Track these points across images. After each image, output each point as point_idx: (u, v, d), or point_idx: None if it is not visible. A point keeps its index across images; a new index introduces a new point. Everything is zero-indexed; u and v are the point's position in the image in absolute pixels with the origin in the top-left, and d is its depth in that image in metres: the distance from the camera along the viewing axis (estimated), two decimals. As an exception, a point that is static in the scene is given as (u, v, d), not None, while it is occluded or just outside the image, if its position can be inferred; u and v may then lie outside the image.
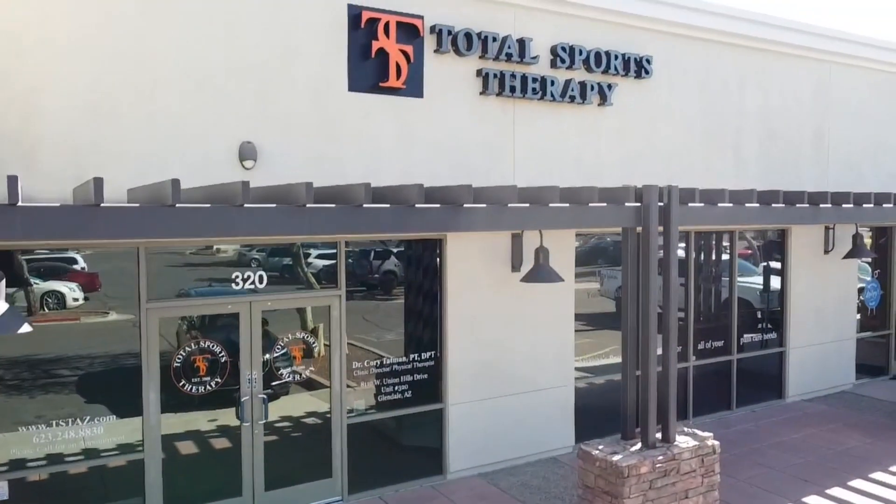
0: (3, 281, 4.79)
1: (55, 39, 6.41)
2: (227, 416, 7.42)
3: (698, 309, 10.91)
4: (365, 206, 5.34)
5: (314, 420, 7.92)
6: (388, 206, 5.52)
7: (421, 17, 8.12)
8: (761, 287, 11.82)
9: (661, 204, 6.92)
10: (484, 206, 5.96)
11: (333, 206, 5.28)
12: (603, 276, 10.11)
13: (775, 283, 11.86)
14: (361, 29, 7.78)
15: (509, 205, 6.00)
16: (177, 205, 4.66)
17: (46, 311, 6.69)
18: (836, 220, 8.73)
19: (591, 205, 6.45)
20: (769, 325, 11.79)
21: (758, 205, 7.66)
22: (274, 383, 7.63)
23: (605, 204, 6.63)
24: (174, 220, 4.68)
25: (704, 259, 11.05)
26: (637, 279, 7.08)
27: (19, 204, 4.25)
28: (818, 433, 10.26)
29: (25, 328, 4.87)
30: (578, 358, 9.63)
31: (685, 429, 7.50)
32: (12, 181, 4.17)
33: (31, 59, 6.33)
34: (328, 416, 7.91)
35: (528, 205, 6.18)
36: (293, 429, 7.81)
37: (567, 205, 6.40)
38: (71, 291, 6.84)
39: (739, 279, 11.37)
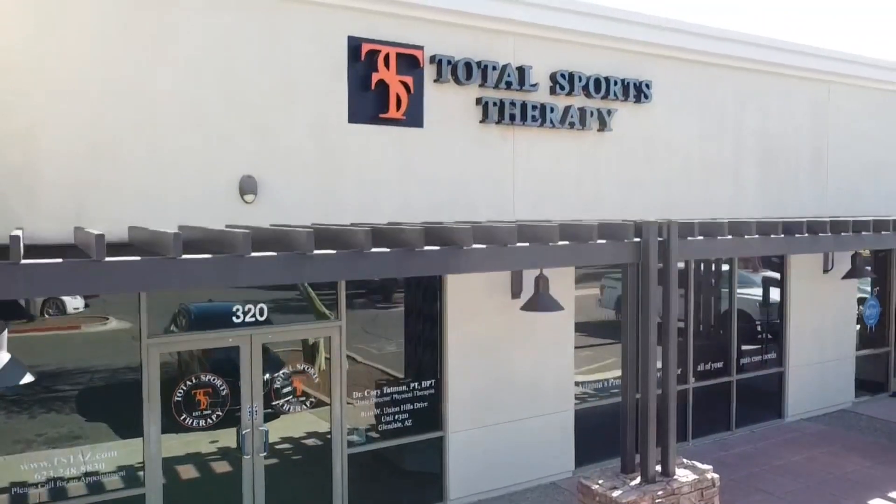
0: (6, 332, 4.81)
1: (56, 77, 6.43)
2: (228, 447, 7.43)
3: (698, 325, 10.93)
4: (366, 251, 5.36)
5: (315, 449, 7.94)
6: (388, 250, 5.54)
7: (421, 48, 8.14)
8: (760, 299, 11.84)
9: (661, 239, 6.94)
10: (484, 246, 5.98)
11: (335, 252, 5.30)
12: (603, 286, 10.14)
13: (774, 294, 11.89)
14: (361, 61, 7.80)
15: (509, 245, 6.02)
16: (178, 257, 4.68)
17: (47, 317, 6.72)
18: (834, 248, 8.78)
19: (590, 242, 6.46)
20: (769, 336, 11.79)
21: (757, 236, 7.67)
22: (274, 403, 7.66)
23: (604, 241, 6.65)
24: (176, 272, 4.70)
25: (704, 272, 11.07)
26: (637, 313, 7.10)
27: (22, 262, 4.26)
28: (817, 456, 10.28)
29: (28, 378, 4.92)
30: (578, 370, 9.63)
31: (684, 460, 7.52)
32: (14, 241, 4.19)
33: (32, 96, 6.36)
34: (329, 445, 7.93)
35: (528, 244, 6.20)
36: (294, 458, 7.83)
37: (567, 243, 6.43)
38: (73, 299, 6.87)
39: (739, 290, 11.39)
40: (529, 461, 9.17)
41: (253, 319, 7.48)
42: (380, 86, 7.91)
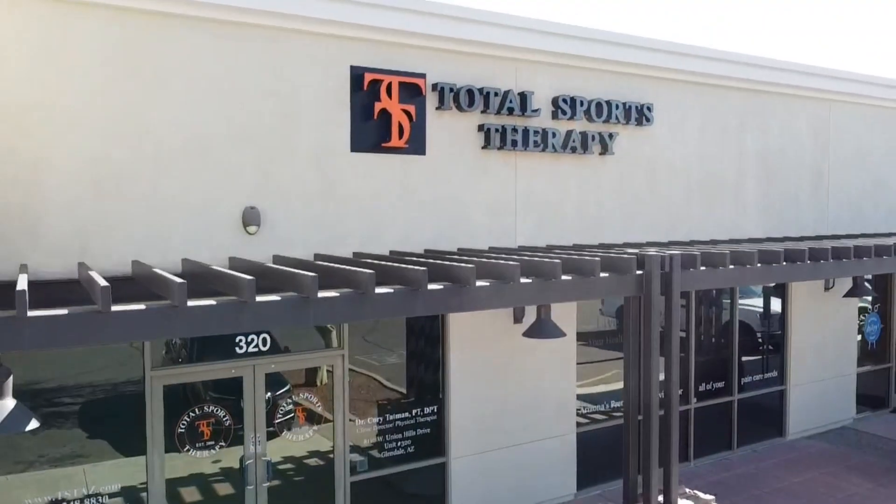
0: (11, 378, 4.81)
1: (58, 115, 6.45)
2: (231, 467, 7.44)
3: (699, 338, 10.94)
4: (369, 294, 5.37)
5: (317, 476, 7.95)
6: (392, 290, 5.55)
7: (423, 76, 8.15)
8: (762, 310, 11.86)
9: (663, 271, 6.95)
10: (488, 284, 5.99)
11: (338, 294, 5.31)
12: None
13: (776, 305, 11.89)
14: (364, 90, 7.82)
15: (513, 282, 6.03)
16: (183, 305, 4.69)
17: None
18: (836, 274, 8.78)
19: (592, 277, 6.47)
20: (770, 348, 11.78)
21: (759, 265, 7.69)
22: (276, 421, 7.68)
23: (607, 275, 6.67)
24: (181, 319, 4.71)
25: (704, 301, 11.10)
26: (639, 342, 7.12)
27: (28, 314, 4.28)
28: (819, 477, 10.29)
29: (33, 424, 4.91)
30: (580, 383, 9.63)
31: (687, 490, 7.54)
32: (20, 295, 4.20)
33: (34, 135, 6.38)
34: (332, 471, 7.94)
35: (531, 281, 6.21)
36: (297, 485, 7.84)
37: (570, 277, 6.44)
38: None
39: (740, 301, 11.42)
40: (531, 485, 9.18)
41: (256, 349, 7.49)
42: (382, 115, 7.93)
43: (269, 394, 7.60)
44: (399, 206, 8.14)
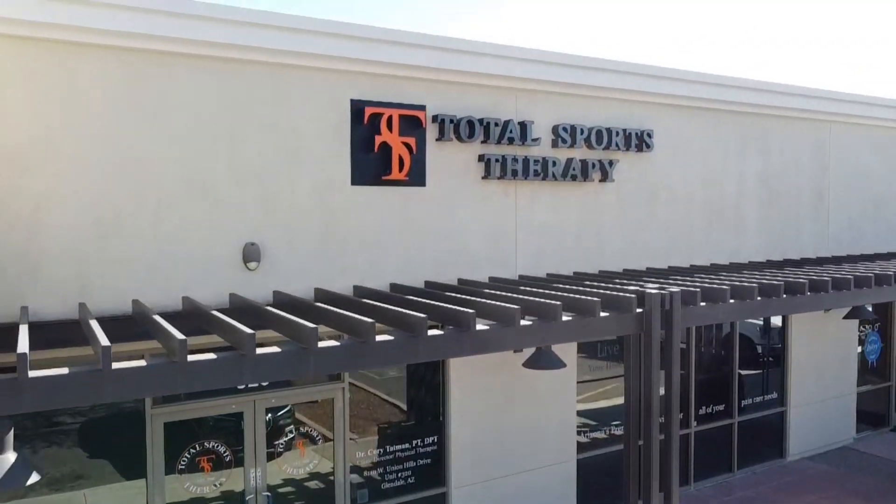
0: (11, 431, 4.81)
1: (59, 156, 6.45)
2: (233, 490, 7.46)
3: (699, 359, 10.94)
4: (369, 342, 5.38)
5: (318, 509, 7.98)
6: (392, 338, 5.56)
7: (423, 108, 8.16)
8: (761, 323, 11.87)
9: (664, 308, 6.95)
10: (488, 328, 6.00)
11: (338, 344, 5.33)
12: None
13: (776, 318, 11.87)
14: (364, 124, 7.82)
15: (513, 326, 6.04)
16: (184, 361, 4.70)
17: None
18: (836, 305, 8.79)
19: (592, 317, 6.48)
20: (770, 360, 11.77)
21: (759, 299, 7.69)
22: (278, 444, 7.69)
23: (607, 314, 6.67)
24: (182, 376, 4.71)
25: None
26: (640, 377, 7.13)
27: (29, 375, 4.28)
28: (818, 501, 10.29)
29: (34, 478, 4.91)
30: (579, 397, 9.64)
31: (688, 524, 7.54)
32: (22, 358, 4.21)
33: (36, 176, 6.37)
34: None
35: (531, 323, 6.21)
36: (297, 518, 7.86)
37: (570, 318, 6.44)
38: None
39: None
40: (532, 513, 9.20)
41: (256, 385, 7.48)
42: (382, 148, 7.93)
43: (269, 415, 7.61)
44: (399, 238, 8.14)
